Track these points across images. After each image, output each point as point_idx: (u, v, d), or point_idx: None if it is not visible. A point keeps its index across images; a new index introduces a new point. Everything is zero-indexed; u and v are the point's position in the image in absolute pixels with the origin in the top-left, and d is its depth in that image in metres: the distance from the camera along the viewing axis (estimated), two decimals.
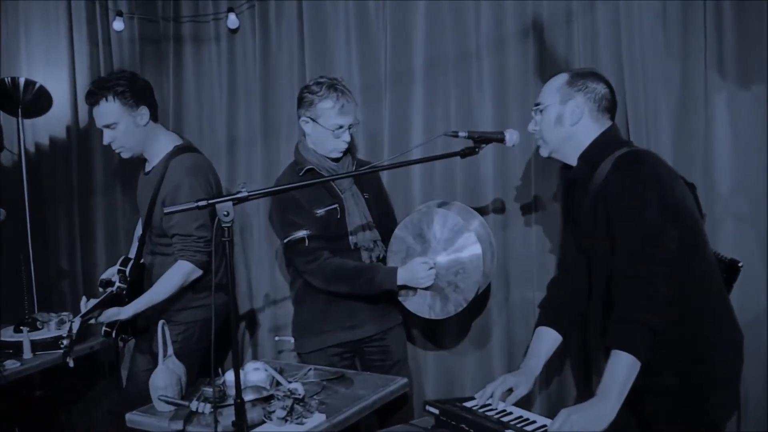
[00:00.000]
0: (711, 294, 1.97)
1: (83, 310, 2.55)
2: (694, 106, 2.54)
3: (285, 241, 2.57)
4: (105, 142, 2.70)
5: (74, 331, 2.35)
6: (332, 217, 2.57)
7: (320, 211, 2.56)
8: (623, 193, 1.88)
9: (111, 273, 2.84)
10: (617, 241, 1.88)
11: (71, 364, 2.36)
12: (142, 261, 2.77)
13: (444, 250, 2.48)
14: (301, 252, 2.55)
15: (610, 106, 2.08)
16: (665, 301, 1.78)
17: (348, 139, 2.59)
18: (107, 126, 2.66)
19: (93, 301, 2.58)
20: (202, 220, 2.64)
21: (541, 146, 2.15)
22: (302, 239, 2.52)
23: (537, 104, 2.12)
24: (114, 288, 2.72)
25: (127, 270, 2.72)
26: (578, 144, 2.06)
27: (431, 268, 2.47)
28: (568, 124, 2.06)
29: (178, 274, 2.64)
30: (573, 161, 2.10)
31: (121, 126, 2.66)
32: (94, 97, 2.64)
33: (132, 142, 2.70)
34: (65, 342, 2.33)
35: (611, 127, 2.08)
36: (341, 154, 2.62)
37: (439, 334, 3.02)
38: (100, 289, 2.82)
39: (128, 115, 2.65)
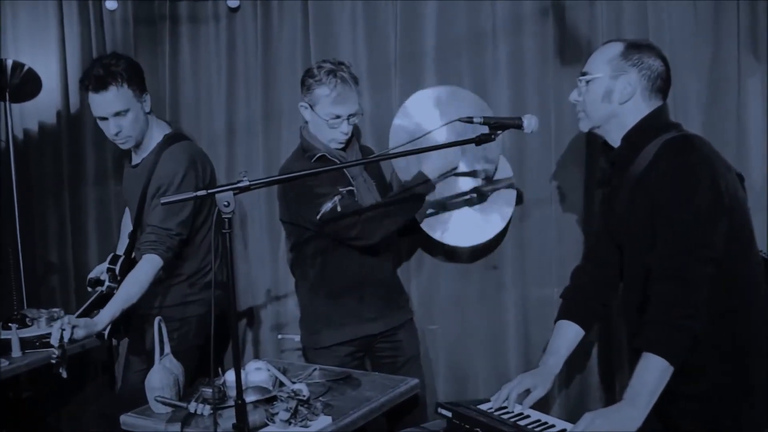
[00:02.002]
0: (755, 295, 1.93)
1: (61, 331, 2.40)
2: (725, 91, 2.53)
3: (319, 216, 2.50)
4: (112, 132, 2.64)
5: (66, 340, 2.30)
6: (351, 199, 2.57)
7: (342, 191, 2.56)
8: (671, 180, 1.83)
9: (99, 271, 2.85)
10: (660, 233, 1.83)
11: (64, 374, 2.32)
12: (133, 256, 2.76)
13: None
14: (341, 218, 2.50)
15: (664, 86, 2.00)
16: (705, 305, 1.76)
17: (345, 130, 2.56)
18: (117, 114, 2.62)
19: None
20: (185, 216, 2.64)
21: (581, 119, 2.09)
22: (335, 206, 2.48)
23: (584, 73, 2.05)
24: (104, 288, 2.73)
25: (117, 268, 2.73)
26: (624, 123, 2.00)
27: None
28: (616, 101, 1.98)
29: (150, 269, 2.57)
30: (614, 140, 2.04)
31: (131, 114, 2.64)
32: (103, 82, 2.57)
33: (138, 131, 2.70)
34: (57, 353, 2.27)
35: (661, 108, 2.00)
36: (342, 144, 2.61)
37: (452, 331, 3.03)
38: (89, 289, 2.83)
39: (137, 102, 2.65)
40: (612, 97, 1.99)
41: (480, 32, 2.88)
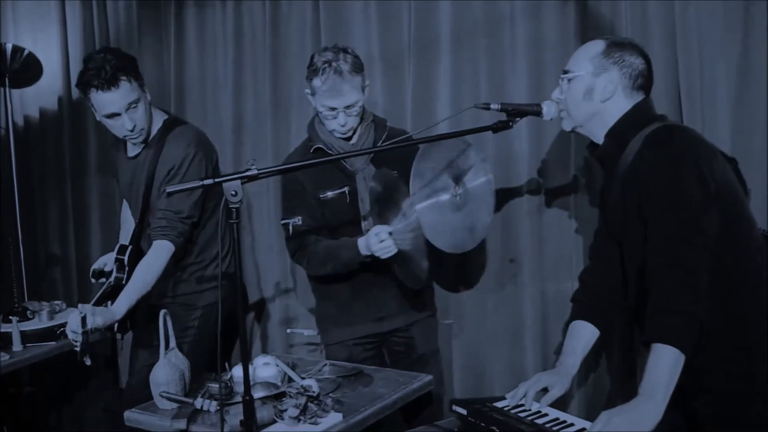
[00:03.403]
0: (761, 280, 1.94)
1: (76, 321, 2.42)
2: (755, 79, 2.50)
3: (282, 223, 2.62)
4: (128, 127, 2.63)
5: (89, 326, 2.32)
6: (342, 201, 2.58)
7: (328, 194, 2.57)
8: (656, 171, 1.86)
9: (102, 263, 2.87)
10: (651, 225, 1.86)
11: (88, 362, 2.36)
12: (141, 242, 2.78)
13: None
14: (288, 239, 2.61)
15: (645, 83, 2.05)
16: (707, 292, 1.77)
17: (343, 122, 2.52)
18: (130, 106, 2.61)
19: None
20: (196, 197, 2.67)
21: (564, 118, 2.13)
22: (289, 227, 2.56)
23: (565, 71, 2.10)
24: (111, 279, 2.75)
25: (126, 258, 2.75)
26: (606, 121, 2.05)
27: (382, 241, 2.37)
28: (598, 99, 2.03)
29: (163, 255, 2.62)
30: (599, 138, 2.08)
31: (141, 106, 2.66)
32: (114, 78, 2.55)
33: (148, 122, 2.72)
34: (80, 339, 2.30)
35: (643, 101, 2.04)
36: (344, 135, 2.58)
37: (468, 328, 3.03)
38: (93, 280, 2.85)
39: (143, 94, 2.67)
40: (593, 95, 2.04)
41: (498, 15, 2.87)
